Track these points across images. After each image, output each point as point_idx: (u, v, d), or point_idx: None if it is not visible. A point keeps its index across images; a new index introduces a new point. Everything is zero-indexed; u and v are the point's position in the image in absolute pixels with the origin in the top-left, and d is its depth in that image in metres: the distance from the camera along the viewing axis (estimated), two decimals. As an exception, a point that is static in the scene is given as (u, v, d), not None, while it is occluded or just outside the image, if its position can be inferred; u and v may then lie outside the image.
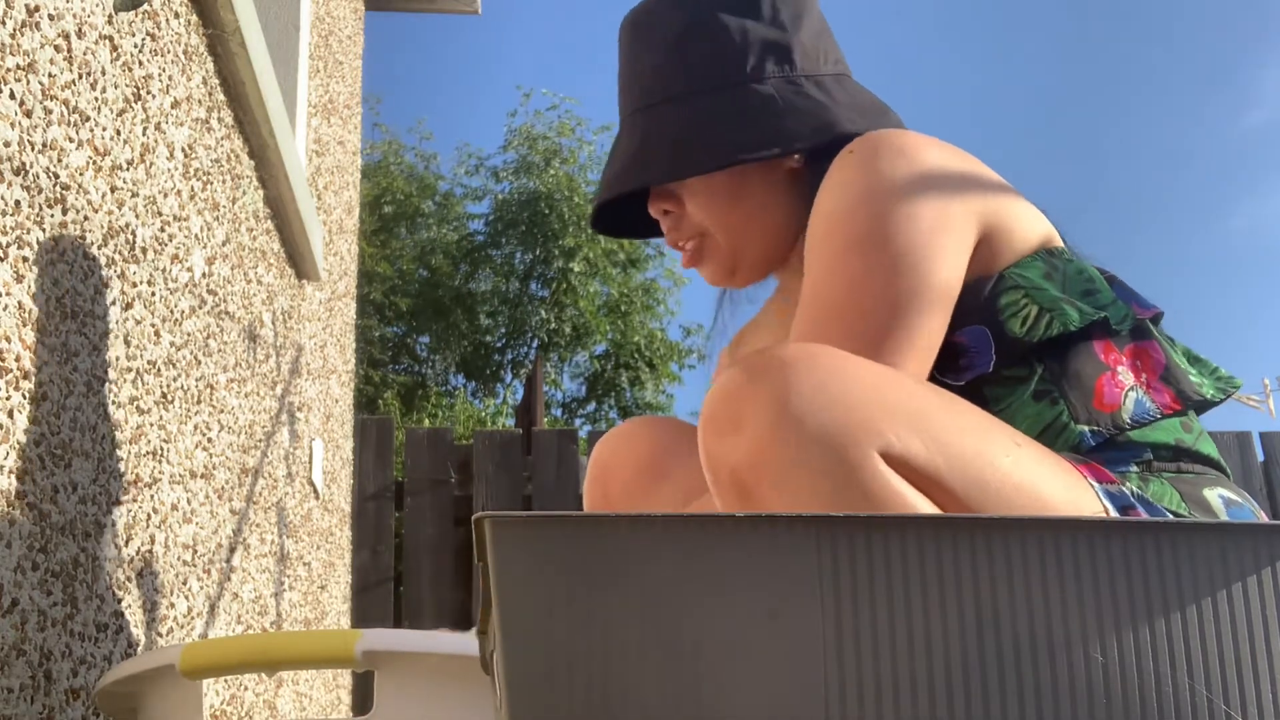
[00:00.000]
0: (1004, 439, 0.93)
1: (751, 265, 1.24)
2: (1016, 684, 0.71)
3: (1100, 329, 1.06)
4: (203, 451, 1.77)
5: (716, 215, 1.20)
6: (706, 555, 0.72)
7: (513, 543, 0.73)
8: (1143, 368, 1.06)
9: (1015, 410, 1.03)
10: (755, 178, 1.19)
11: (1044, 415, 1.02)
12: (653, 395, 12.93)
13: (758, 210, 1.20)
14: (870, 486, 0.85)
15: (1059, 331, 1.03)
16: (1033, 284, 1.05)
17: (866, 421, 0.85)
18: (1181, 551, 0.73)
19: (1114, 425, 1.02)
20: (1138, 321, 1.08)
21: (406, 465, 3.96)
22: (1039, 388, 1.03)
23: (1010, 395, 1.03)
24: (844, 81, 1.22)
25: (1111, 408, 1.03)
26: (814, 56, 1.20)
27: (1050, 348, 1.04)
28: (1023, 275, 1.06)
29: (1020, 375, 1.03)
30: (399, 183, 13.25)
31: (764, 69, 1.17)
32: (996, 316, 1.04)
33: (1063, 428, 1.01)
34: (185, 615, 1.67)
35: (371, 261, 12.04)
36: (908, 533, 0.73)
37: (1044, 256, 1.08)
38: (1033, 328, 1.03)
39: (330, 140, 3.26)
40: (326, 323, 3.11)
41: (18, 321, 1.14)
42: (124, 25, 1.45)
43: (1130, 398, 1.03)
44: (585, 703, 0.70)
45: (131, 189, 1.47)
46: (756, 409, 0.85)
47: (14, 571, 1.11)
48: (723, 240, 1.21)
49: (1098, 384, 1.03)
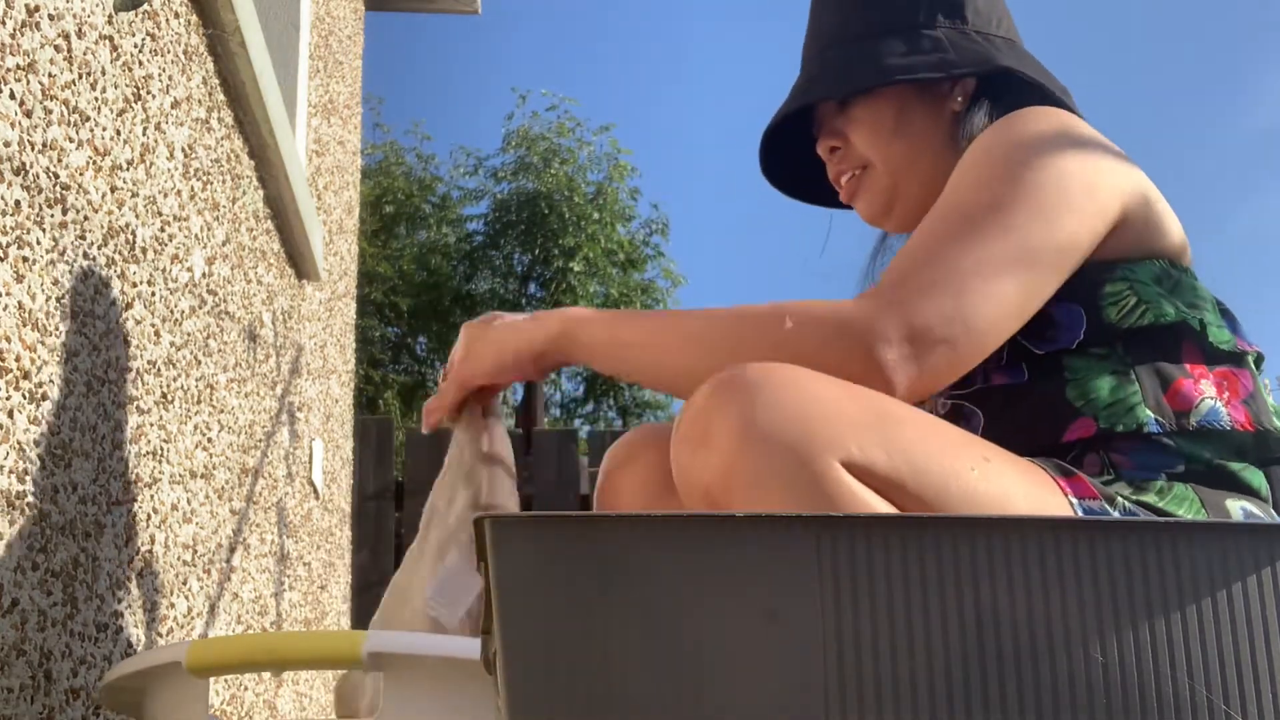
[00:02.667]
0: (973, 451, 0.93)
1: (907, 205, 1.26)
2: (1016, 684, 0.71)
3: (1194, 340, 1.06)
4: (203, 451, 1.77)
5: (880, 145, 1.24)
6: (706, 555, 0.72)
7: (513, 543, 0.73)
8: (1227, 388, 1.06)
9: (1088, 379, 1.04)
10: (919, 113, 1.23)
11: (1116, 390, 1.03)
12: (652, 395, 12.94)
13: (920, 146, 1.23)
14: (835, 497, 0.86)
15: (1150, 321, 1.05)
16: (1140, 280, 1.07)
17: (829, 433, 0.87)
18: (1181, 551, 0.73)
19: (1180, 423, 1.02)
20: (1238, 351, 1.08)
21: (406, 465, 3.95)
22: (1116, 367, 1.04)
23: (1089, 368, 1.05)
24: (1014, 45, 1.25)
25: (1184, 406, 1.03)
26: (986, 16, 1.25)
27: (1139, 340, 1.05)
28: (1135, 272, 1.08)
29: (1103, 354, 1.05)
30: (399, 183, 13.25)
31: (935, 19, 1.23)
32: (1097, 301, 1.06)
33: (1130, 406, 1.02)
34: (185, 615, 1.67)
35: (372, 262, 12.04)
36: (908, 533, 0.73)
37: (1164, 264, 1.10)
38: (1126, 315, 1.05)
39: (330, 140, 3.26)
40: (326, 323, 3.11)
41: (18, 321, 1.14)
42: (124, 25, 1.45)
43: (1206, 404, 1.04)
44: (586, 702, 0.70)
45: (131, 189, 1.47)
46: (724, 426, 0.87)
47: (14, 571, 1.12)
48: (883, 172, 1.25)
49: (1177, 382, 1.04)
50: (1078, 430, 1.03)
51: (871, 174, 1.25)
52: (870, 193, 1.26)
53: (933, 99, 1.23)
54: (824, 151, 1.29)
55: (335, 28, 3.42)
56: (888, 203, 1.26)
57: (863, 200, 1.27)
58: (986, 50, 1.21)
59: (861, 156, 1.25)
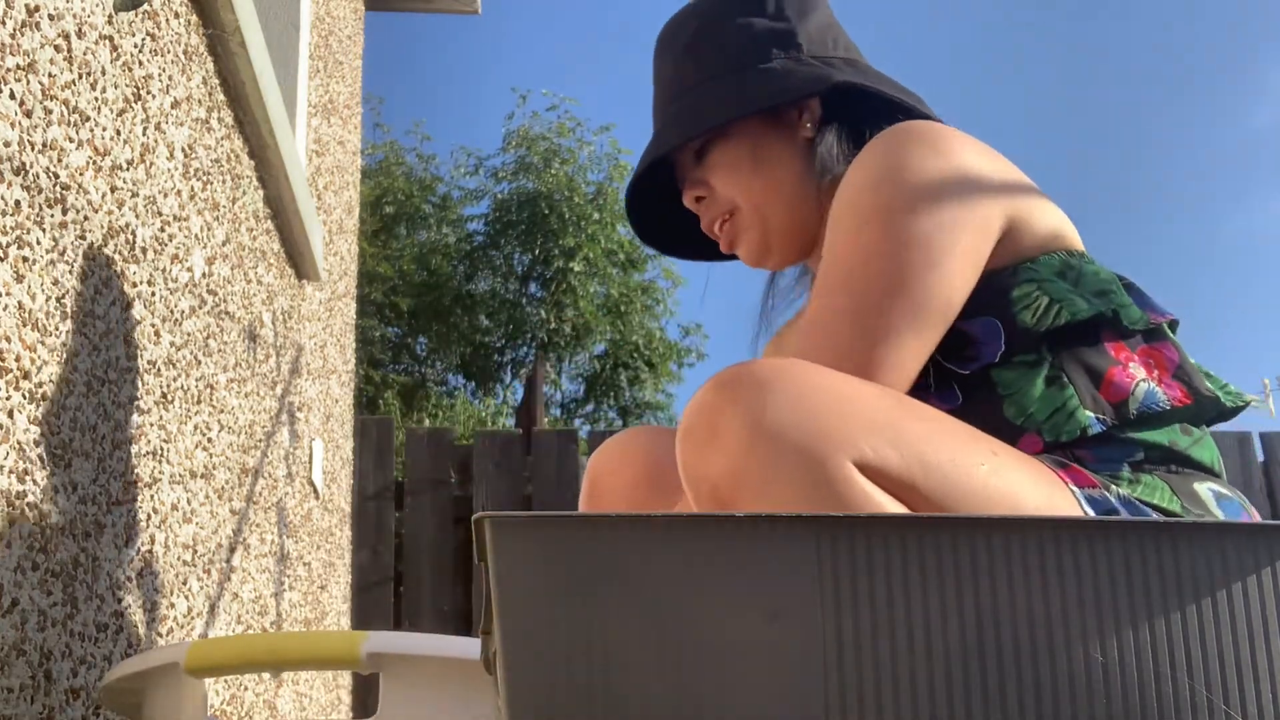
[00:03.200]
0: (980, 448, 0.93)
1: (783, 239, 1.27)
2: (1016, 684, 0.71)
3: (1111, 327, 1.07)
4: (203, 451, 1.77)
5: (740, 185, 1.25)
6: (706, 555, 0.72)
7: (513, 543, 0.73)
8: (1155, 365, 1.07)
9: (1024, 394, 1.04)
10: (773, 146, 1.24)
11: (1053, 399, 1.03)
12: (652, 395, 12.94)
13: (780, 178, 1.24)
14: (846, 496, 0.85)
15: (1067, 320, 1.04)
16: (1045, 278, 1.07)
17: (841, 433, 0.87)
18: (1181, 551, 0.73)
19: (1120, 415, 1.03)
20: (1152, 325, 1.08)
21: (406, 465, 3.96)
22: (1049, 374, 1.04)
23: (1019, 380, 1.04)
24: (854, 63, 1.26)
25: (1120, 397, 1.03)
26: (820, 42, 1.26)
27: (1060, 339, 1.05)
28: (1037, 270, 1.08)
29: (1029, 361, 1.05)
30: (399, 183, 13.25)
31: (769, 53, 1.24)
32: (1009, 309, 1.06)
33: (1071, 413, 1.02)
34: (185, 615, 1.67)
35: (372, 262, 12.04)
36: (908, 533, 0.73)
37: (1062, 256, 1.10)
38: (1042, 318, 1.05)
39: (330, 140, 3.26)
40: (326, 323, 3.11)
41: (18, 321, 1.14)
42: (124, 25, 1.45)
43: (1141, 388, 1.04)
44: (585, 702, 0.70)
45: (131, 189, 1.47)
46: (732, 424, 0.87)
47: (14, 571, 1.12)
48: (750, 211, 1.26)
49: (1108, 373, 1.04)
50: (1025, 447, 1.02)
51: (740, 217, 1.27)
52: (745, 234, 1.27)
53: (784, 130, 1.24)
54: (690, 203, 1.30)
55: (335, 28, 3.42)
56: (763, 242, 1.27)
57: (741, 245, 1.29)
58: (824, 71, 1.22)
59: (727, 200, 1.26)
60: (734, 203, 1.26)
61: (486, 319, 13.15)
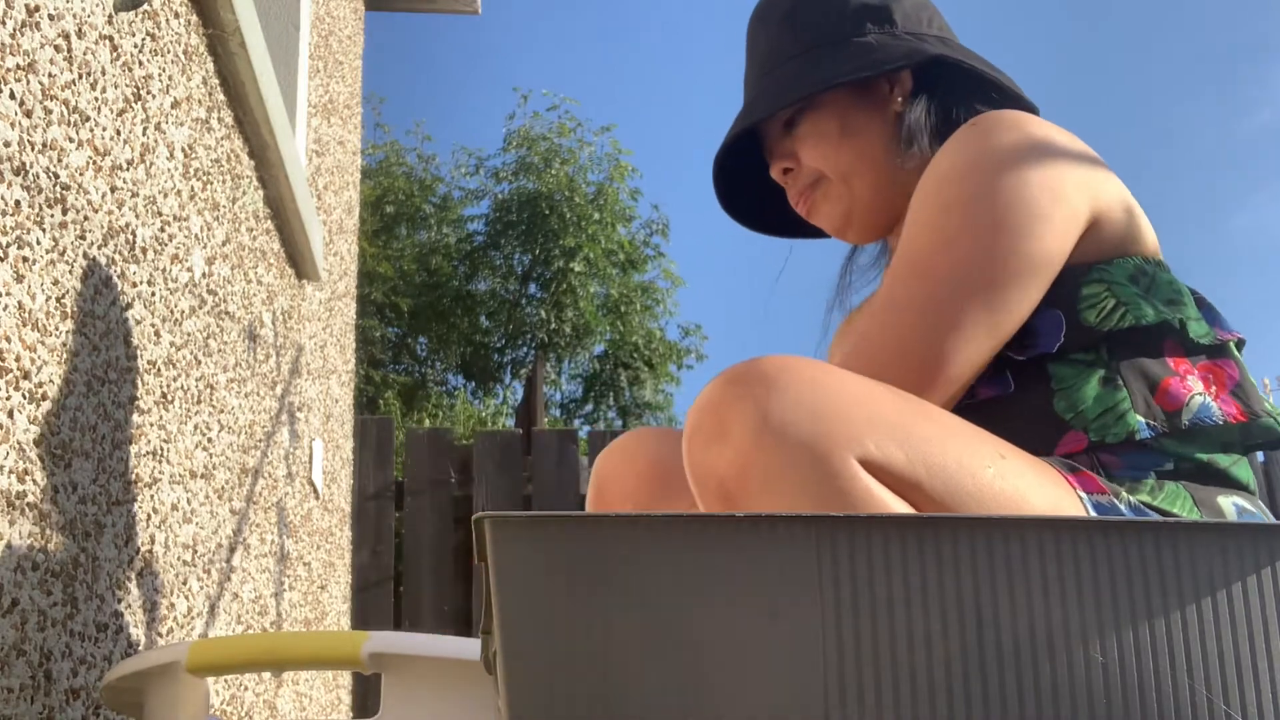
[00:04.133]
0: (988, 450, 0.93)
1: (864, 212, 1.27)
2: (1016, 684, 0.71)
3: (1175, 338, 1.06)
4: (203, 451, 1.77)
5: (827, 156, 1.25)
6: (706, 555, 0.72)
7: (513, 543, 0.73)
8: (1214, 381, 1.06)
9: (1077, 390, 1.03)
10: (861, 118, 1.25)
11: (1105, 399, 1.03)
12: (651, 395, 12.93)
13: (866, 150, 1.24)
14: (850, 492, 0.85)
15: (1130, 324, 1.04)
16: (1116, 280, 1.07)
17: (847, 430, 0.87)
18: (1181, 551, 0.73)
19: (1172, 424, 1.02)
20: (1218, 341, 1.08)
21: (406, 465, 3.96)
22: (1105, 375, 1.04)
23: (1074, 376, 1.04)
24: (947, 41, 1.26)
25: (1174, 406, 1.03)
26: (915, 19, 1.26)
27: (1121, 343, 1.05)
28: (1110, 271, 1.07)
29: (1086, 360, 1.05)
30: (400, 183, 13.25)
31: (864, 28, 1.24)
32: (1074, 305, 1.06)
33: (1121, 414, 1.02)
34: (185, 615, 1.67)
35: (373, 262, 12.03)
36: (908, 533, 0.73)
37: (1137, 261, 1.09)
38: (1106, 318, 1.05)
39: (330, 140, 3.26)
40: (326, 323, 3.11)
41: (18, 321, 1.14)
42: (124, 25, 1.45)
43: (1195, 401, 1.04)
44: (586, 702, 0.70)
45: (131, 189, 1.47)
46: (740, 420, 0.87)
47: (14, 571, 1.11)
48: (835, 181, 1.26)
49: (1164, 382, 1.04)
50: (1068, 444, 1.02)
51: (824, 185, 1.27)
52: (827, 203, 1.27)
53: (873, 102, 1.25)
54: (778, 175, 1.30)
55: (335, 28, 3.42)
56: (846, 212, 1.27)
57: (821, 213, 1.29)
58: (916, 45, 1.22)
59: (813, 171, 1.27)
60: (820, 173, 1.26)
61: (487, 319, 13.15)
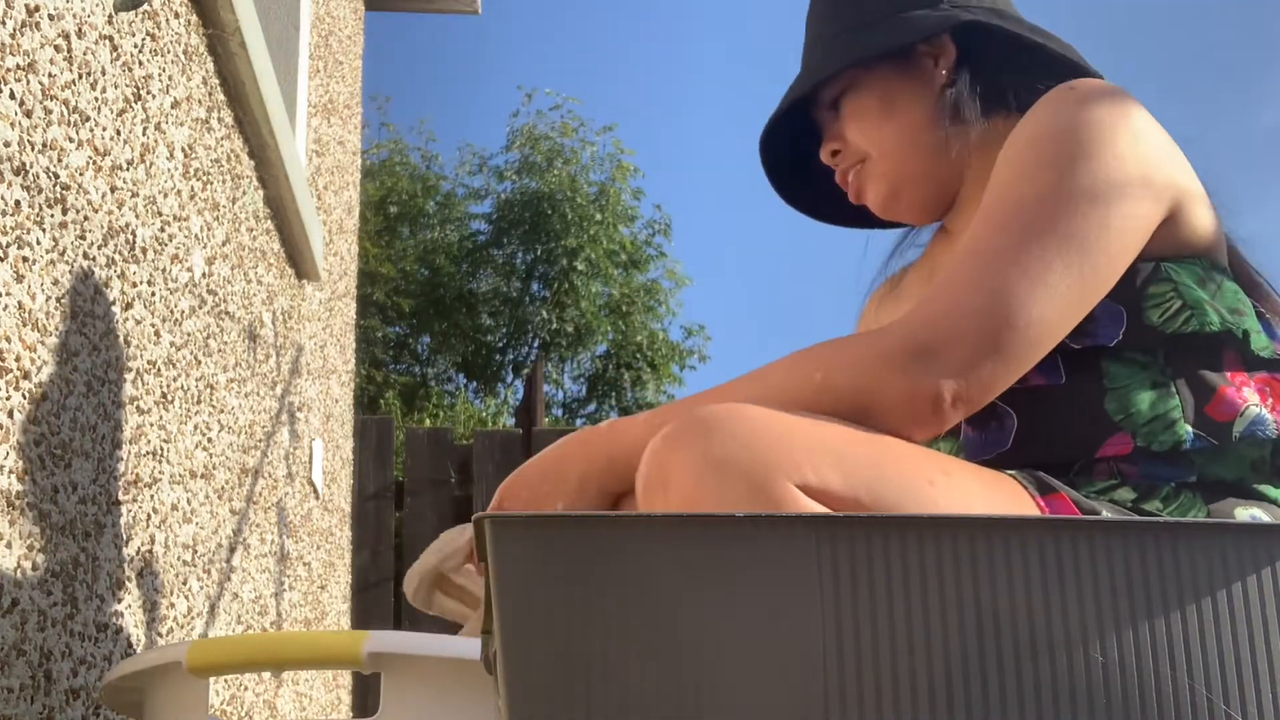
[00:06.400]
0: (928, 467, 0.92)
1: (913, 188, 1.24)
2: (1016, 684, 0.71)
3: (1236, 348, 1.05)
4: (203, 451, 1.77)
5: (871, 133, 1.24)
6: (707, 555, 0.72)
7: (513, 543, 0.73)
8: (1271, 394, 1.05)
9: (1129, 392, 1.02)
10: (905, 94, 1.23)
11: (1156, 405, 1.01)
12: (654, 396, 12.93)
13: (911, 125, 1.22)
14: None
15: (1194, 329, 1.02)
16: (1184, 282, 1.05)
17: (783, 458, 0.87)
18: (1181, 551, 0.73)
19: (1223, 434, 1.01)
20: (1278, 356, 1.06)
21: (406, 465, 3.96)
22: (1157, 378, 1.03)
23: (1128, 376, 1.03)
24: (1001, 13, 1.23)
25: (1227, 417, 1.01)
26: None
27: (1181, 348, 1.04)
28: (1178, 272, 1.06)
29: (1142, 361, 1.03)
30: (403, 183, 13.25)
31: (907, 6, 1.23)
32: (1139, 302, 1.04)
33: (1170, 422, 1.01)
34: (185, 615, 1.67)
35: (375, 262, 12.03)
36: (908, 533, 0.73)
37: (1205, 264, 1.08)
38: (1170, 320, 1.03)
39: (330, 140, 3.26)
40: (326, 323, 3.11)
41: (18, 321, 1.14)
42: (124, 25, 1.45)
43: (1251, 411, 1.02)
44: (586, 702, 0.70)
45: (131, 189, 1.47)
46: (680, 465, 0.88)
47: (14, 571, 1.11)
48: (880, 158, 1.24)
49: (1219, 391, 1.02)
50: (1114, 447, 1.01)
51: (870, 164, 1.25)
52: (873, 181, 1.25)
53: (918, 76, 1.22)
54: (827, 157, 1.28)
55: (335, 28, 3.42)
56: (893, 189, 1.24)
57: (869, 192, 1.26)
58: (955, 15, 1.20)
59: (859, 150, 1.25)
60: (866, 152, 1.25)
61: (488, 319, 13.16)
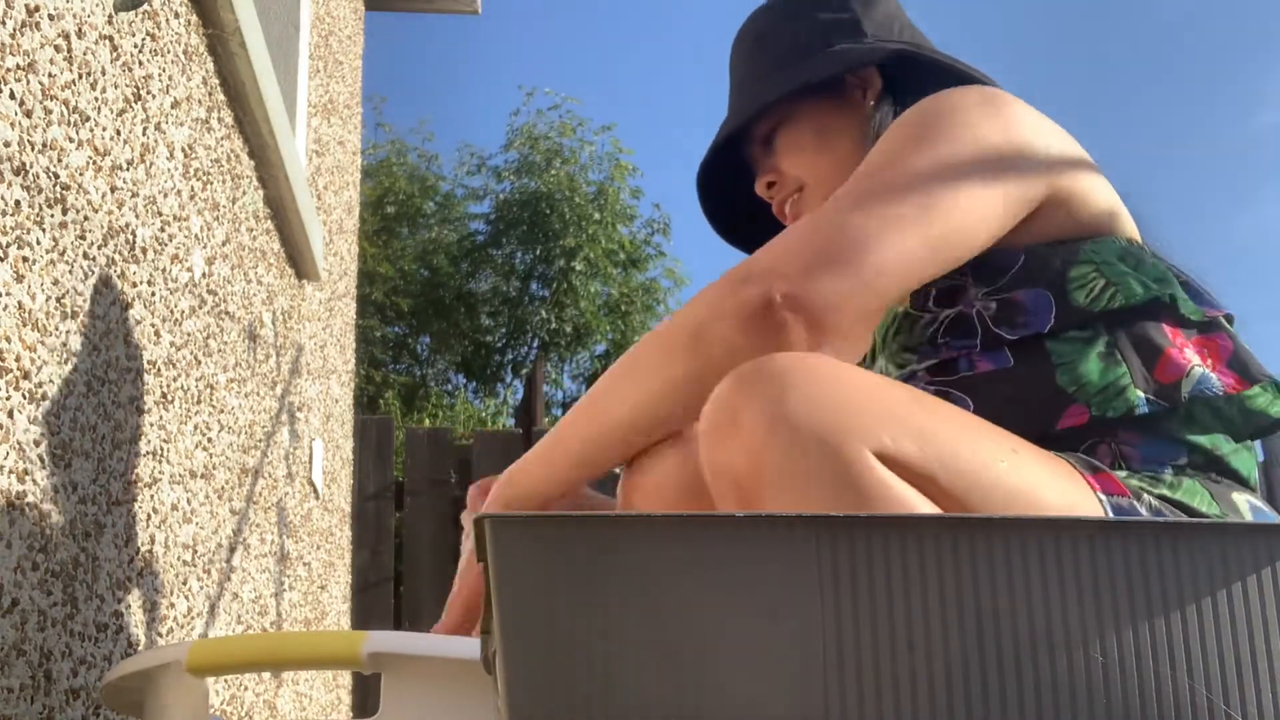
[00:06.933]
0: (1001, 443, 0.93)
1: None
2: (1016, 684, 0.71)
3: (1168, 313, 1.06)
4: (203, 451, 1.77)
5: (806, 164, 1.27)
6: (707, 555, 0.72)
7: (513, 543, 0.73)
8: (1209, 354, 1.07)
9: (1077, 364, 1.03)
10: (837, 124, 1.27)
11: (1106, 374, 1.03)
12: (653, 396, 12.90)
13: (844, 155, 1.25)
14: (867, 486, 0.85)
15: (1121, 304, 1.04)
16: (1105, 260, 1.07)
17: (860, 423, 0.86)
18: (1181, 551, 0.73)
19: (1172, 396, 1.02)
20: (1208, 318, 1.08)
21: (406, 465, 3.96)
22: (1103, 350, 1.04)
23: (1073, 351, 1.04)
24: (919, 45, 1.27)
25: (1174, 377, 1.03)
26: (885, 27, 1.28)
27: (1115, 319, 1.05)
28: (1097, 250, 1.08)
29: (1085, 336, 1.05)
30: (401, 183, 13.24)
31: (831, 40, 1.27)
32: (1063, 286, 1.06)
33: (1121, 389, 1.02)
34: (185, 615, 1.67)
35: (374, 262, 12.03)
36: (908, 533, 0.73)
37: (1123, 242, 1.10)
38: (1096, 299, 1.05)
39: (330, 140, 3.26)
40: (326, 323, 3.11)
41: (18, 321, 1.14)
42: (124, 25, 1.45)
43: (1196, 372, 1.04)
44: (585, 702, 0.70)
45: (131, 189, 1.47)
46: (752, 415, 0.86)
47: (14, 571, 1.11)
48: (815, 187, 1.27)
49: (1164, 353, 1.04)
50: (1071, 418, 1.02)
51: (808, 193, 1.27)
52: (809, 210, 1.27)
53: (848, 108, 1.26)
54: (762, 191, 1.31)
55: (335, 28, 3.42)
56: None
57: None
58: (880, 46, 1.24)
59: (795, 180, 1.28)
60: (801, 181, 1.27)
61: (488, 319, 13.15)
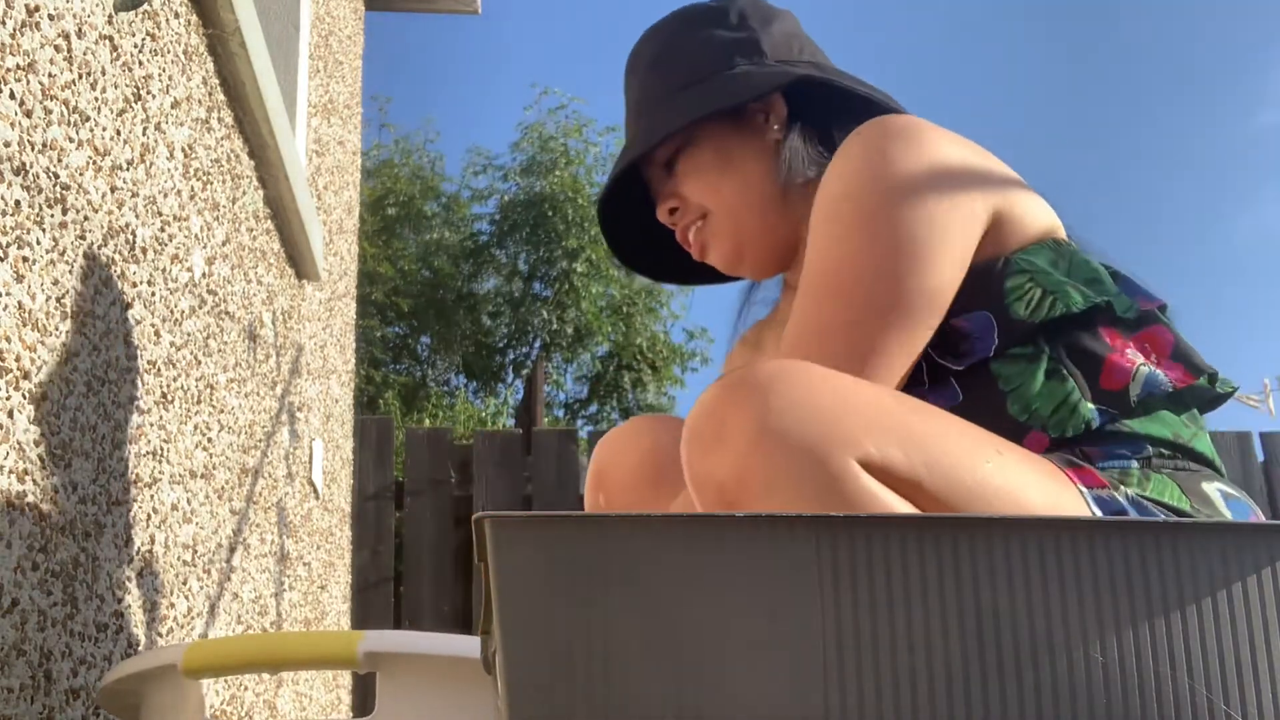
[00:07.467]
0: (985, 446, 0.93)
1: (756, 244, 1.25)
2: (1016, 684, 0.71)
3: (1105, 316, 1.06)
4: (203, 451, 1.77)
5: (709, 190, 1.24)
6: (706, 555, 0.72)
7: (513, 543, 0.73)
8: (1151, 349, 1.07)
9: (1025, 389, 1.03)
10: (739, 149, 1.24)
11: (1056, 393, 1.02)
12: (655, 397, 12.92)
13: (748, 181, 1.23)
14: (852, 495, 0.85)
15: (1061, 313, 1.04)
16: (1039, 268, 1.06)
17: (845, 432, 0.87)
18: (1181, 551, 0.73)
19: (1122, 403, 1.02)
20: (1143, 312, 1.08)
21: (406, 465, 3.96)
22: (1048, 367, 1.04)
23: (1019, 374, 1.04)
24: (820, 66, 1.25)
25: (1121, 383, 1.03)
26: (785, 48, 1.25)
27: (1055, 331, 1.05)
28: (1030, 260, 1.07)
29: (1027, 354, 1.04)
30: (402, 184, 13.24)
31: (732, 62, 1.23)
32: (1002, 300, 1.05)
33: (1073, 407, 1.02)
34: (185, 615, 1.67)
35: (374, 262, 12.03)
36: (908, 533, 0.73)
37: (1051, 246, 1.09)
38: (1036, 309, 1.04)
39: (330, 140, 3.26)
40: (326, 323, 3.11)
41: (18, 321, 1.14)
42: (124, 25, 1.45)
43: (1140, 373, 1.04)
44: (586, 702, 0.70)
45: (131, 189, 1.47)
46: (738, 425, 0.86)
47: (14, 571, 1.11)
48: (720, 216, 1.24)
49: (1107, 361, 1.04)
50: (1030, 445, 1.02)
51: (711, 221, 1.25)
52: (716, 239, 1.26)
53: (750, 132, 1.24)
54: (664, 217, 1.29)
55: (335, 28, 3.42)
56: (736, 247, 1.25)
57: (713, 250, 1.27)
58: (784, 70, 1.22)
59: (698, 207, 1.25)
60: (705, 208, 1.25)
61: (489, 319, 13.15)
